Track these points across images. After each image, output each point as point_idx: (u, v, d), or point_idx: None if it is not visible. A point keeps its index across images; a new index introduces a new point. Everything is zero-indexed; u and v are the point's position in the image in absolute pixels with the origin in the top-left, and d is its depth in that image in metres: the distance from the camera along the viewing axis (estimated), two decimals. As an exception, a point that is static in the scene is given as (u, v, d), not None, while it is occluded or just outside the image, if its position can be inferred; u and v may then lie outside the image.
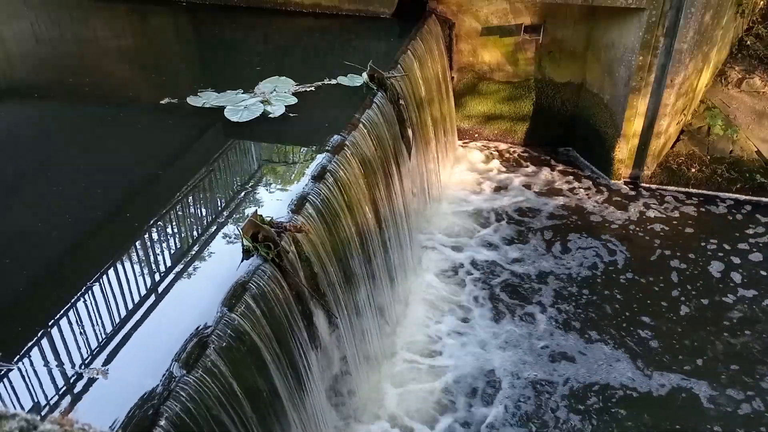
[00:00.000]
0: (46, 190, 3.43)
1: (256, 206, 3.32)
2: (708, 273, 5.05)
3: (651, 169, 6.01)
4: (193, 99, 4.33)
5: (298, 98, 4.38)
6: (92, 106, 4.46)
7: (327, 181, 3.48)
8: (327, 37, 5.63)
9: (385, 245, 4.26)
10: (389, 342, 4.33)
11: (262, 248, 2.80)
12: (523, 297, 4.83)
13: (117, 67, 5.08)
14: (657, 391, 4.09)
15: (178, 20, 6.12)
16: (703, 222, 5.61)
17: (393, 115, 4.55)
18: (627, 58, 5.53)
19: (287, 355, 2.86)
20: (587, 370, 4.22)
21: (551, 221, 5.63)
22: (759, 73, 6.19)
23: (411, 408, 3.97)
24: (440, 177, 5.93)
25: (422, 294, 4.83)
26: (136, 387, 2.21)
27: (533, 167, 6.40)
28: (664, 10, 5.17)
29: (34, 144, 3.95)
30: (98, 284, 2.75)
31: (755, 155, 5.93)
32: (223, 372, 2.38)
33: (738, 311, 4.70)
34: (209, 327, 2.46)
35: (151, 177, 3.59)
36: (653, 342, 4.44)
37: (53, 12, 6.05)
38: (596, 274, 5.04)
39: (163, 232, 3.14)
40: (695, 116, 6.14)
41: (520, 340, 4.45)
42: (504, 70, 6.31)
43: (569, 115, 6.44)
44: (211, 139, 4.02)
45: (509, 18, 5.96)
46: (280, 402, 2.79)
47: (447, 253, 5.25)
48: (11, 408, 2.05)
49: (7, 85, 4.98)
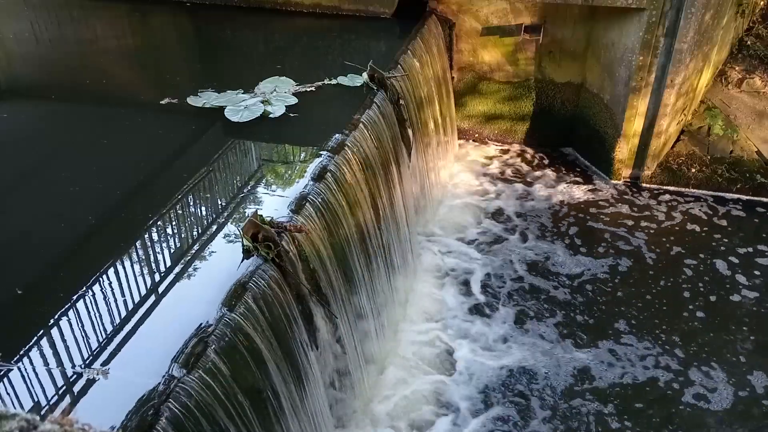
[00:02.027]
0: (46, 190, 3.43)
1: (256, 206, 3.32)
2: (710, 273, 5.04)
3: (651, 169, 6.01)
4: (194, 99, 4.33)
5: (298, 98, 4.38)
6: (92, 106, 4.47)
7: (327, 181, 3.48)
8: (327, 37, 5.63)
9: (385, 245, 4.26)
10: (390, 341, 4.33)
11: (262, 248, 2.80)
12: (523, 297, 4.83)
13: (117, 67, 5.08)
14: (641, 388, 4.10)
15: (178, 20, 6.12)
16: (703, 222, 5.60)
17: (393, 115, 4.55)
18: (627, 58, 5.53)
19: (287, 355, 2.86)
20: (588, 366, 4.23)
21: (551, 221, 5.63)
22: (759, 73, 6.19)
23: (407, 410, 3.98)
24: (440, 177, 5.93)
25: (422, 293, 4.83)
26: (136, 387, 2.21)
27: (533, 167, 6.40)
28: (664, 10, 5.17)
29: (34, 144, 3.96)
30: (98, 284, 2.75)
31: (755, 155, 5.93)
32: (223, 372, 2.38)
33: (745, 310, 4.71)
34: (209, 327, 2.46)
35: (152, 177, 3.59)
36: (654, 341, 4.45)
37: (53, 12, 6.05)
38: (596, 274, 5.04)
39: (163, 232, 3.14)
40: (695, 116, 6.14)
41: (520, 340, 4.46)
42: (504, 70, 6.31)
43: (569, 115, 6.44)
44: (211, 139, 4.02)
45: (509, 18, 5.96)
46: (280, 402, 2.79)
47: (447, 253, 5.25)
48: (11, 408, 2.05)
49: (7, 85, 4.98)
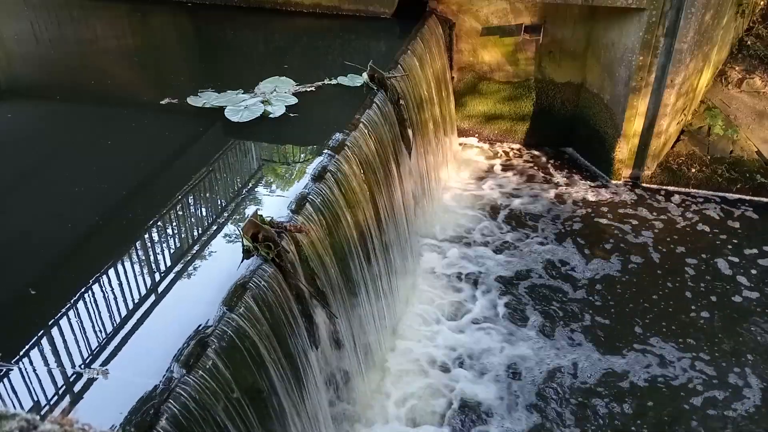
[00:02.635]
0: (46, 190, 3.43)
1: (256, 206, 3.32)
2: (710, 273, 5.04)
3: (651, 169, 6.01)
4: (194, 99, 4.33)
5: (298, 98, 4.38)
6: (92, 106, 4.47)
7: (327, 181, 3.48)
8: (327, 37, 5.63)
9: (385, 245, 4.26)
10: (389, 339, 4.33)
11: (262, 248, 2.80)
12: (522, 297, 4.82)
13: (117, 67, 5.08)
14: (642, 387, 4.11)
15: (178, 20, 6.12)
16: (703, 222, 5.60)
17: (393, 115, 4.55)
18: (627, 58, 5.53)
19: (287, 355, 2.86)
20: (577, 362, 4.24)
21: (551, 221, 5.63)
22: (759, 73, 6.18)
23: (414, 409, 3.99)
24: (440, 177, 5.93)
25: (422, 293, 4.83)
26: (136, 387, 2.21)
27: (533, 167, 6.40)
28: (664, 10, 5.17)
29: (34, 144, 3.96)
30: (98, 284, 2.75)
31: (755, 155, 5.93)
32: (223, 372, 2.38)
33: (746, 309, 4.71)
34: (209, 327, 2.46)
35: (152, 177, 3.59)
36: (655, 341, 4.45)
37: (53, 12, 6.05)
38: (596, 274, 5.03)
39: (163, 232, 3.14)
40: (695, 116, 6.14)
41: (521, 341, 4.46)
42: (504, 70, 6.31)
43: (569, 115, 6.44)
44: (212, 140, 4.02)
45: (509, 18, 5.96)
46: (280, 402, 2.79)
47: (447, 253, 5.25)
48: (11, 408, 2.05)
49: (7, 85, 4.98)
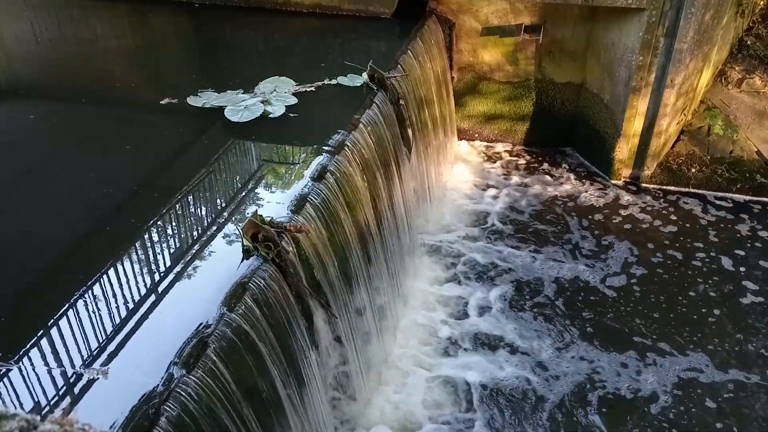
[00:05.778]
0: (46, 190, 3.43)
1: (256, 206, 3.32)
2: (712, 273, 5.04)
3: (651, 169, 6.02)
4: (193, 99, 4.33)
5: (298, 98, 4.38)
6: (92, 106, 4.47)
7: (327, 181, 3.48)
8: (327, 37, 5.63)
9: (385, 245, 4.26)
10: (389, 340, 4.33)
11: (262, 248, 2.80)
12: (522, 296, 4.83)
13: (117, 67, 5.08)
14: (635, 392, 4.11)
15: (178, 20, 6.12)
16: (704, 222, 5.60)
17: (393, 115, 4.55)
18: (627, 58, 5.53)
19: (287, 355, 2.86)
20: (580, 366, 4.24)
21: (551, 221, 5.63)
22: (759, 73, 6.19)
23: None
24: (440, 177, 5.93)
25: (422, 293, 4.83)
26: (136, 387, 2.20)
27: (533, 167, 6.40)
28: (664, 10, 5.17)
29: (33, 144, 3.95)
30: (98, 284, 2.75)
31: (755, 155, 5.93)
32: (223, 372, 2.38)
33: (751, 309, 4.71)
34: (209, 327, 2.45)
35: (151, 177, 3.59)
36: (655, 341, 4.45)
37: (53, 12, 6.05)
38: (596, 274, 5.04)
39: (163, 232, 3.14)
40: (695, 116, 6.14)
41: (521, 342, 4.47)
42: (504, 70, 6.31)
43: (569, 115, 6.44)
44: (211, 140, 4.02)
45: (509, 18, 5.96)
46: (280, 402, 2.79)
47: (447, 253, 5.25)
48: (11, 408, 2.05)
49: (7, 85, 4.98)
